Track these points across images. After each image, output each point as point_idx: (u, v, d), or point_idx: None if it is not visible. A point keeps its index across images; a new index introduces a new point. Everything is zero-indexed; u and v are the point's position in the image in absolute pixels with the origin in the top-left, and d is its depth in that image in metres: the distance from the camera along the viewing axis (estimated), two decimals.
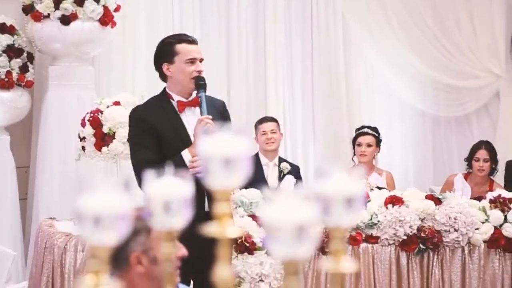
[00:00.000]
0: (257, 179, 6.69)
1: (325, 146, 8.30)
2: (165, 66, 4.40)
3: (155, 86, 4.92)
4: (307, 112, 8.39)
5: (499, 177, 7.10)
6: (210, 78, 8.00)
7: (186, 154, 4.14)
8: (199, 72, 4.30)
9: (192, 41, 4.37)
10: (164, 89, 4.45)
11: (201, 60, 4.37)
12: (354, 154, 7.01)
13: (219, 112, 4.40)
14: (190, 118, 4.33)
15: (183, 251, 2.75)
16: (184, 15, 8.07)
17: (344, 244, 1.47)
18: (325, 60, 8.42)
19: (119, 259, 2.66)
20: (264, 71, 8.29)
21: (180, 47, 4.36)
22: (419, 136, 8.59)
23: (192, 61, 4.33)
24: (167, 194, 1.48)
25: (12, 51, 7.01)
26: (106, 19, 7.16)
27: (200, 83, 4.28)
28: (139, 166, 4.20)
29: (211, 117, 4.14)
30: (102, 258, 1.31)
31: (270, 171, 6.81)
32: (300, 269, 1.27)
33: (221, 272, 1.38)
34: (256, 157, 6.86)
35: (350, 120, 8.22)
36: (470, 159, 6.95)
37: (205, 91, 4.29)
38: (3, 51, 6.97)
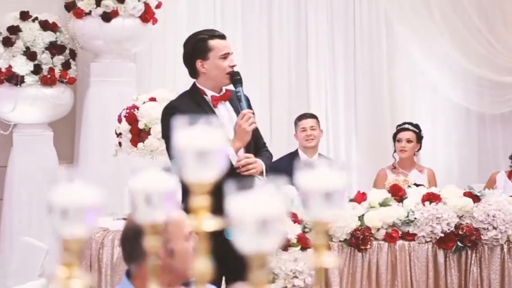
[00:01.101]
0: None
1: (367, 143, 8.24)
2: (199, 63, 4.42)
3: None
4: (349, 109, 8.33)
5: None
6: (252, 75, 8.14)
7: (232, 152, 4.15)
8: (233, 66, 4.32)
9: (223, 36, 4.39)
10: (194, 84, 4.46)
11: (231, 55, 4.39)
12: (395, 151, 6.94)
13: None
14: (223, 113, 4.35)
15: None
16: (225, 11, 8.08)
17: (326, 239, 1.45)
18: (368, 56, 8.36)
19: (136, 251, 2.67)
20: (306, 67, 8.26)
21: (214, 42, 4.37)
22: (463, 133, 8.47)
23: (225, 56, 4.35)
24: (149, 188, 1.47)
25: (54, 48, 7.10)
26: (147, 16, 7.21)
27: (236, 78, 4.30)
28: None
29: (252, 111, 4.17)
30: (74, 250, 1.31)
31: None
32: (266, 263, 1.24)
33: (199, 265, 1.37)
34: (296, 154, 6.84)
35: (393, 117, 8.14)
36: None
37: (242, 86, 4.29)
38: (46, 48, 7.06)
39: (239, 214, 1.22)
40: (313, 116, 6.94)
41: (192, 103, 4.30)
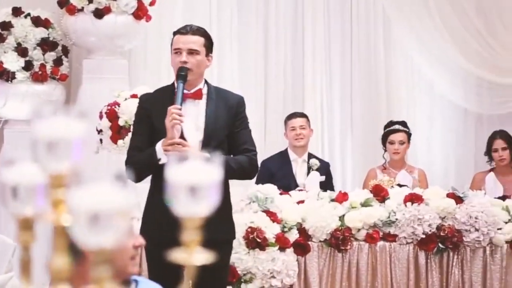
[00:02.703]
0: (284, 175, 6.63)
1: (363, 142, 8.17)
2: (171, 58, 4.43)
3: None
4: (345, 108, 8.27)
5: None
6: (247, 74, 8.11)
7: (159, 148, 4.09)
8: (183, 63, 4.23)
9: (186, 32, 4.31)
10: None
11: (192, 52, 4.26)
12: (385, 151, 6.87)
13: (229, 107, 4.30)
14: (190, 110, 4.28)
15: (140, 240, 2.72)
16: (221, 9, 8.04)
17: (197, 235, 1.41)
18: (365, 55, 8.29)
19: (75, 250, 2.64)
20: (302, 66, 8.21)
21: (174, 38, 4.34)
22: (461, 134, 8.39)
23: (177, 51, 4.28)
24: (18, 180, 1.44)
25: (46, 45, 7.09)
26: (140, 13, 7.19)
27: (180, 73, 4.21)
28: (128, 152, 4.36)
29: (179, 107, 4.07)
30: None
31: (299, 167, 6.73)
32: (110, 258, 1.21)
33: (56, 262, 1.34)
34: (285, 153, 6.80)
35: (389, 117, 8.04)
36: (489, 151, 6.84)
37: (184, 82, 4.19)
38: (38, 44, 7.05)
39: (78, 206, 1.19)
40: (303, 115, 6.89)
41: (160, 98, 4.25)
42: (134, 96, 5.59)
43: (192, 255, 1.42)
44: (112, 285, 1.18)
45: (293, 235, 5.28)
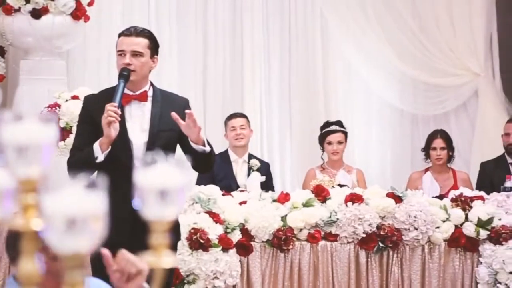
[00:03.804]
0: (225, 176, 6.66)
1: (302, 142, 8.24)
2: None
3: None
4: (284, 109, 8.34)
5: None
6: (186, 75, 8.11)
7: (96, 147, 4.08)
8: (126, 65, 4.22)
9: (130, 34, 4.31)
10: None
11: (136, 53, 4.26)
12: (323, 152, 6.95)
13: (176, 110, 4.30)
14: (135, 112, 4.28)
15: None
16: (160, 10, 8.04)
17: (165, 238, 1.43)
18: (303, 57, 8.37)
19: (14, 258, 2.63)
20: (241, 67, 8.25)
21: (118, 40, 4.34)
22: (397, 134, 8.52)
23: (121, 53, 4.28)
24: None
25: None
26: (78, 13, 7.13)
27: (122, 73, 4.21)
28: (70, 152, 4.37)
29: (116, 104, 4.06)
30: None
31: (239, 168, 6.76)
32: (84, 263, 1.22)
33: (25, 266, 1.34)
34: (225, 154, 6.82)
35: (327, 117, 8.11)
36: (427, 149, 6.97)
37: (125, 82, 4.19)
38: None
39: (51, 211, 1.19)
40: (242, 116, 6.93)
41: (104, 99, 4.22)
42: (75, 97, 5.55)
43: (161, 258, 1.43)
44: None
45: (236, 236, 5.31)
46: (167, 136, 4.26)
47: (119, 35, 4.37)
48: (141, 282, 2.58)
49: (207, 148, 4.17)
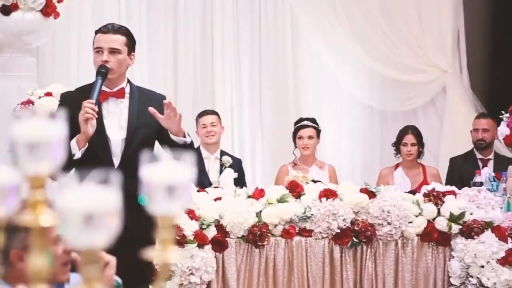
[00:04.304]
0: (197, 173, 6.66)
1: (272, 139, 8.28)
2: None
3: None
4: (255, 106, 8.36)
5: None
6: (156, 72, 8.10)
7: (73, 143, 4.07)
8: (104, 62, 4.22)
9: (107, 31, 4.30)
10: None
11: (113, 51, 4.25)
12: (295, 147, 6.99)
13: (154, 106, 4.29)
14: (112, 108, 4.29)
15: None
16: (130, 6, 8.02)
17: (171, 234, 1.44)
18: (273, 54, 8.40)
19: (0, 257, 2.61)
20: (211, 64, 8.26)
21: (95, 37, 4.33)
22: (366, 130, 8.59)
23: (98, 50, 4.27)
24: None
25: None
26: (48, 10, 7.09)
27: (100, 70, 4.20)
28: None
29: (93, 101, 4.06)
30: None
31: (211, 165, 6.77)
32: (99, 258, 1.23)
33: (35, 262, 1.35)
34: (198, 151, 6.82)
35: (298, 114, 8.16)
36: (398, 144, 7.03)
37: (103, 79, 4.19)
38: None
39: (67, 208, 1.20)
40: (213, 113, 6.94)
41: (82, 96, 4.21)
42: (48, 94, 5.53)
43: (167, 253, 1.45)
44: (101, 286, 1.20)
45: (211, 232, 5.32)
46: (145, 132, 4.27)
47: (96, 32, 4.35)
48: (110, 273, 2.59)
49: (188, 139, 4.20)
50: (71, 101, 4.28)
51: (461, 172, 7.09)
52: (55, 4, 7.15)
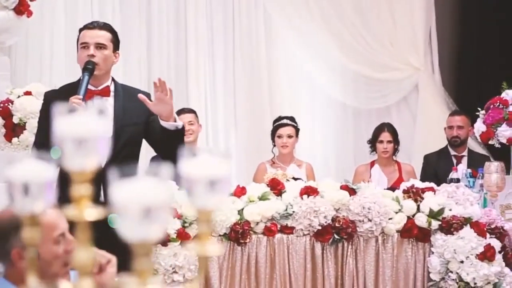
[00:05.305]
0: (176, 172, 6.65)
1: (247, 137, 8.30)
2: (77, 55, 4.38)
3: (74, 76, 4.83)
4: (229, 103, 8.37)
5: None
6: (130, 70, 8.06)
7: None
8: (90, 56, 4.21)
9: (93, 27, 4.30)
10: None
11: (100, 46, 4.25)
12: (274, 146, 7.00)
13: (139, 104, 4.29)
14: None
15: (73, 245, 2.69)
16: (103, 5, 7.98)
17: (210, 227, 1.45)
18: (247, 51, 8.42)
19: (2, 257, 2.60)
20: (185, 62, 8.25)
21: (81, 33, 4.32)
22: (340, 128, 8.64)
23: (84, 46, 4.26)
24: (27, 178, 1.44)
25: None
26: (22, 8, 7.02)
27: (86, 66, 4.19)
28: (32, 148, 4.41)
29: (81, 97, 4.05)
30: None
31: None
32: (152, 250, 1.24)
33: (80, 255, 1.35)
34: None
35: (272, 111, 8.22)
36: (373, 142, 7.08)
37: (90, 75, 4.18)
38: None
39: (123, 202, 1.21)
40: (191, 111, 6.93)
41: (66, 94, 4.19)
42: (27, 93, 5.48)
43: (206, 247, 1.45)
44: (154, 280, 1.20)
45: (194, 230, 5.31)
46: (131, 130, 4.26)
47: (81, 30, 4.34)
48: (113, 271, 2.59)
49: (179, 123, 4.20)
50: (55, 100, 4.25)
51: (436, 169, 7.16)
52: (28, 2, 7.09)
